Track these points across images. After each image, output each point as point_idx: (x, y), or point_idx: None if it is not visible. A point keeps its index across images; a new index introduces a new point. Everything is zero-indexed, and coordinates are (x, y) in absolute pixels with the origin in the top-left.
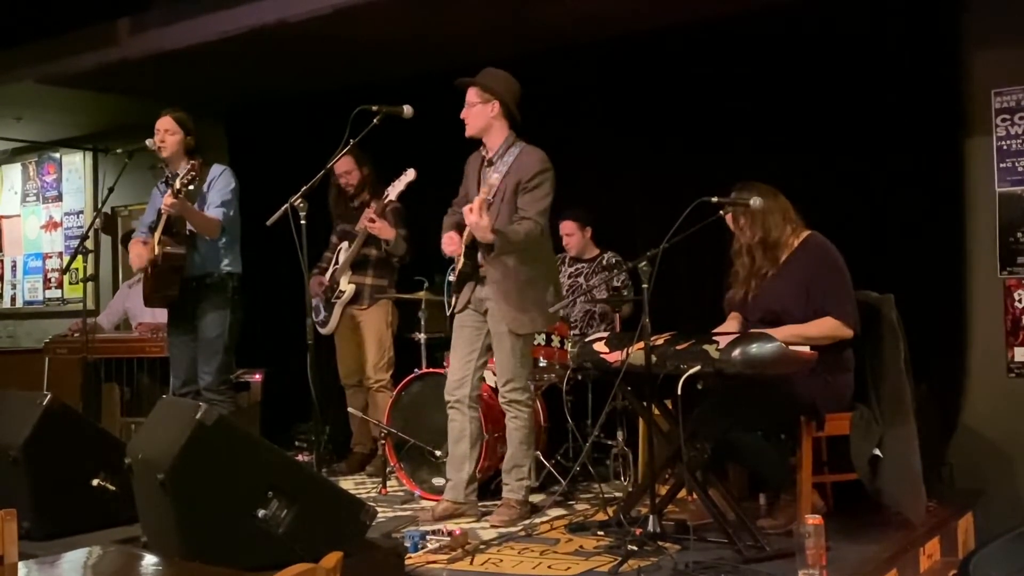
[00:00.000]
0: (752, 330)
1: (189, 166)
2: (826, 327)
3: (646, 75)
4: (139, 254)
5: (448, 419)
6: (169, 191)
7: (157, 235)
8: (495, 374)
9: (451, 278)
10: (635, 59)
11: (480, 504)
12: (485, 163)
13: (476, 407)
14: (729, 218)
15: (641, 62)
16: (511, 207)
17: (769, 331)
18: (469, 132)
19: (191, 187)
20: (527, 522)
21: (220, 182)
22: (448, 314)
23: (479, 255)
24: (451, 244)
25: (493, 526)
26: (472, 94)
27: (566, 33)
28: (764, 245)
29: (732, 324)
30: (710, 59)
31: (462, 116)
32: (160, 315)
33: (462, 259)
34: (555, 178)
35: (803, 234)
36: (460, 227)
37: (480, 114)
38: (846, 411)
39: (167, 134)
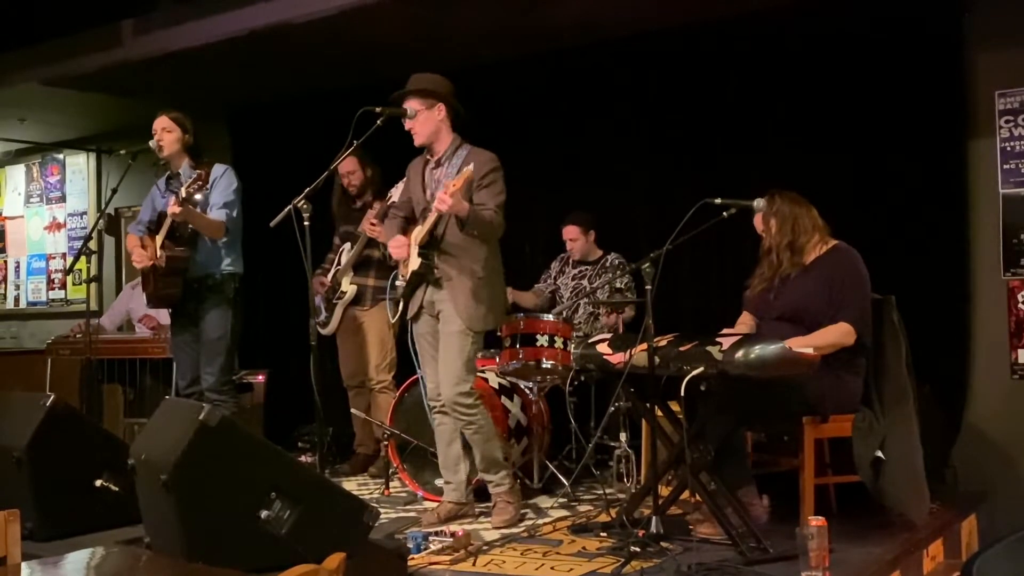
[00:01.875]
0: (761, 333)
1: (196, 175)
2: (833, 335)
3: (649, 76)
4: (140, 253)
5: (436, 424)
6: (175, 199)
7: (160, 239)
8: (497, 374)
9: (399, 283)
10: (637, 60)
11: (483, 505)
12: (432, 164)
13: None
14: (758, 220)
15: (643, 63)
16: None
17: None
18: (419, 141)
19: (197, 196)
20: (530, 524)
21: (222, 182)
22: (394, 319)
23: (435, 256)
24: (400, 249)
25: (495, 527)
26: (414, 103)
27: (568, 35)
28: (792, 248)
29: (743, 324)
30: (712, 61)
31: (407, 128)
32: (163, 311)
33: (416, 259)
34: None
35: (832, 242)
36: (405, 231)
37: (428, 120)
38: (851, 413)
39: (164, 132)
